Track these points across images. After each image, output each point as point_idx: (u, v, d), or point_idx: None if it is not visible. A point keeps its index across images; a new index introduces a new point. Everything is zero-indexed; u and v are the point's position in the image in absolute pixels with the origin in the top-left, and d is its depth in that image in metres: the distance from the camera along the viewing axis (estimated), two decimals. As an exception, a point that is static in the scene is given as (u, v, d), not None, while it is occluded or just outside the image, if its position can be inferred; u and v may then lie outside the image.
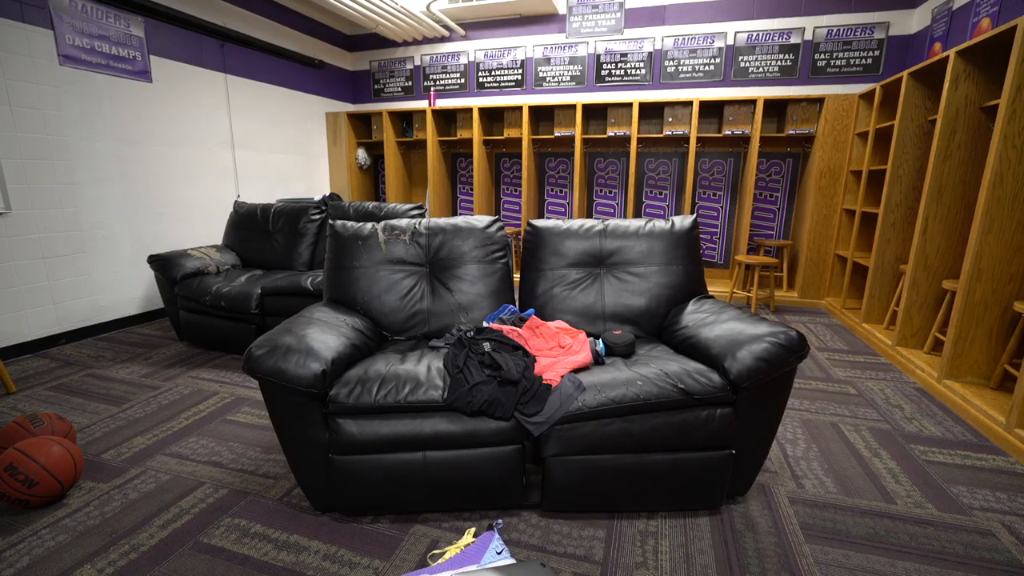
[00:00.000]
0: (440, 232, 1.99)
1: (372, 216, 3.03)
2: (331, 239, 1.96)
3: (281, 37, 4.58)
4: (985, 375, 2.36)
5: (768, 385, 1.42)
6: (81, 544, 1.42)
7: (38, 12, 2.84)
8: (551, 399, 1.43)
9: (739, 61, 4.35)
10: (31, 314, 2.89)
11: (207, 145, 3.95)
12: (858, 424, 2.15)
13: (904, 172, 3.07)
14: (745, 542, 1.44)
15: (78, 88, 3.04)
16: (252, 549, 1.40)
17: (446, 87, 5.31)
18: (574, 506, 1.52)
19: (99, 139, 3.18)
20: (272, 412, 1.46)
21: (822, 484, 1.71)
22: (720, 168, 4.62)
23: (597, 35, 4.69)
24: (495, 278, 1.97)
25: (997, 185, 2.15)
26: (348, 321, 1.71)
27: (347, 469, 1.45)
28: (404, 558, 1.37)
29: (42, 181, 2.89)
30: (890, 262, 3.22)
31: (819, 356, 2.98)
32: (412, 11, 4.46)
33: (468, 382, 1.43)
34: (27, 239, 2.83)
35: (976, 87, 2.50)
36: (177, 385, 2.50)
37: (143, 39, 3.40)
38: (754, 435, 1.50)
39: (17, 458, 1.51)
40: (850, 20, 4.03)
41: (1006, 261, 2.22)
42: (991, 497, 1.65)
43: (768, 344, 1.38)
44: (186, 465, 1.81)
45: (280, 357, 1.37)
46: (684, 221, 2.01)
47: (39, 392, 2.40)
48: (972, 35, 3.17)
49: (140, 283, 3.50)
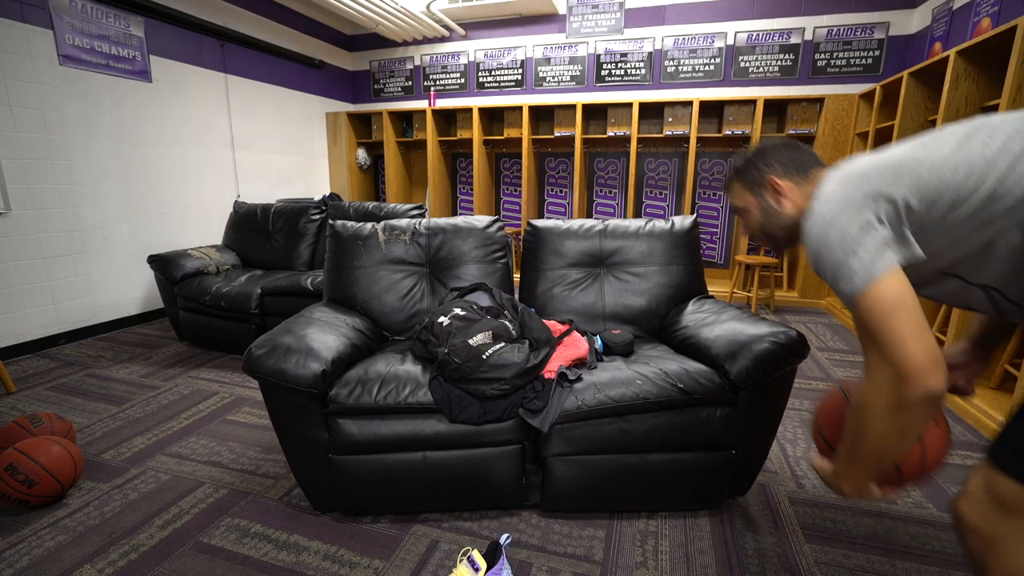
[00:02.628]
0: (440, 232, 1.99)
1: (372, 216, 3.02)
2: (331, 239, 1.96)
3: (281, 37, 4.58)
4: (985, 375, 2.36)
5: (768, 385, 1.42)
6: (81, 544, 1.42)
7: (38, 12, 2.84)
8: (552, 397, 1.42)
9: (739, 61, 4.35)
10: (31, 314, 2.89)
11: (207, 145, 3.94)
12: (858, 424, 2.15)
13: (904, 172, 3.07)
14: (745, 542, 1.44)
15: (78, 88, 3.04)
16: (252, 549, 1.40)
17: (446, 87, 5.31)
18: (574, 506, 1.52)
19: (99, 139, 3.18)
20: (272, 412, 1.46)
21: (822, 484, 1.71)
22: (720, 168, 4.62)
23: (597, 35, 4.69)
24: (495, 278, 1.96)
25: (997, 185, 2.15)
26: (348, 321, 1.71)
27: (347, 469, 1.45)
28: (404, 558, 1.37)
29: (42, 181, 2.89)
30: (890, 262, 3.21)
31: (819, 356, 2.98)
32: (412, 11, 4.46)
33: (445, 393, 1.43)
34: (27, 239, 2.83)
35: (976, 87, 2.50)
36: (177, 385, 2.50)
37: (143, 39, 3.40)
38: (754, 435, 1.50)
39: (17, 458, 1.51)
40: (850, 20, 4.03)
41: (1006, 261, 2.22)
42: (991, 497, 1.65)
43: (768, 344, 1.38)
44: (186, 465, 1.81)
45: (280, 357, 1.36)
46: (684, 221, 2.00)
47: (39, 392, 2.40)
48: (972, 35, 3.16)
49: (140, 283, 3.50)
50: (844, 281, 0.80)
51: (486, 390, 1.38)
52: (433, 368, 1.48)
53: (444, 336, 1.51)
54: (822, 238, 0.83)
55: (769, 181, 1.01)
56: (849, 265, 0.79)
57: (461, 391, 1.41)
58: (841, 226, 0.80)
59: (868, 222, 0.79)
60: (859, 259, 0.78)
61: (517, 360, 1.42)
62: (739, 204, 1.09)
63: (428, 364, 1.53)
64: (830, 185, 0.86)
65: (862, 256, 0.77)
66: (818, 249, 0.84)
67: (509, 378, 1.39)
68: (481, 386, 1.39)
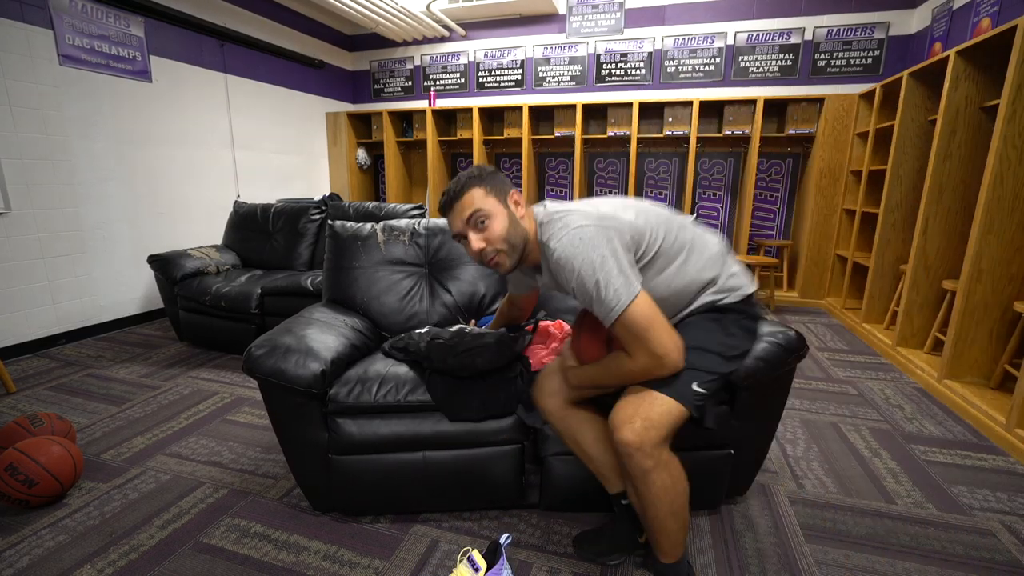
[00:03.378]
0: (439, 232, 1.98)
1: (372, 216, 3.02)
2: (330, 239, 1.96)
3: (281, 37, 4.58)
4: (985, 375, 2.36)
5: (767, 385, 1.42)
6: (81, 544, 1.42)
7: (38, 12, 2.84)
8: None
9: (739, 61, 4.35)
10: (31, 314, 2.89)
11: (207, 145, 3.95)
12: (858, 424, 2.15)
13: (904, 172, 3.07)
14: (745, 542, 1.44)
15: (78, 88, 3.04)
16: (252, 549, 1.40)
17: (446, 87, 5.30)
18: (574, 506, 1.52)
19: (99, 139, 3.18)
20: (272, 412, 1.46)
21: (822, 484, 1.71)
22: (720, 168, 4.62)
23: (597, 35, 4.69)
24: (494, 279, 1.96)
25: (997, 185, 2.15)
26: (347, 321, 1.71)
27: (347, 469, 1.45)
28: (404, 558, 1.37)
29: (42, 181, 2.89)
30: (890, 262, 3.21)
31: (819, 356, 2.98)
32: (412, 11, 4.46)
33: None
34: (27, 239, 2.84)
35: (976, 87, 2.50)
36: (177, 385, 2.50)
37: (143, 39, 3.40)
38: (754, 435, 1.50)
39: (17, 458, 1.51)
40: (850, 20, 4.03)
41: (1006, 261, 2.22)
42: (991, 497, 1.65)
43: (767, 344, 1.38)
44: (186, 465, 1.81)
45: (279, 357, 1.36)
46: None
47: (39, 392, 2.40)
48: (972, 35, 3.16)
49: (140, 283, 3.50)
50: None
51: (476, 360, 1.39)
52: (420, 359, 1.48)
53: (424, 335, 1.52)
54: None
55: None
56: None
57: (452, 373, 1.42)
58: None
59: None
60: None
61: (496, 333, 1.45)
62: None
63: (414, 365, 1.53)
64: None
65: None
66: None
67: (493, 343, 1.40)
68: (472, 356, 1.39)
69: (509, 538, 1.32)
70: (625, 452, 1.08)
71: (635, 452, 1.06)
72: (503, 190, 1.18)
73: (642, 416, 1.07)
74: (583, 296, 1.07)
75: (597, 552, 1.35)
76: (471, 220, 1.14)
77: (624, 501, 1.31)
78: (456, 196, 1.16)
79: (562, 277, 1.09)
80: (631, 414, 1.08)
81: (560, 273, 1.09)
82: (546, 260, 1.15)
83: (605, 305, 1.03)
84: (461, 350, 1.39)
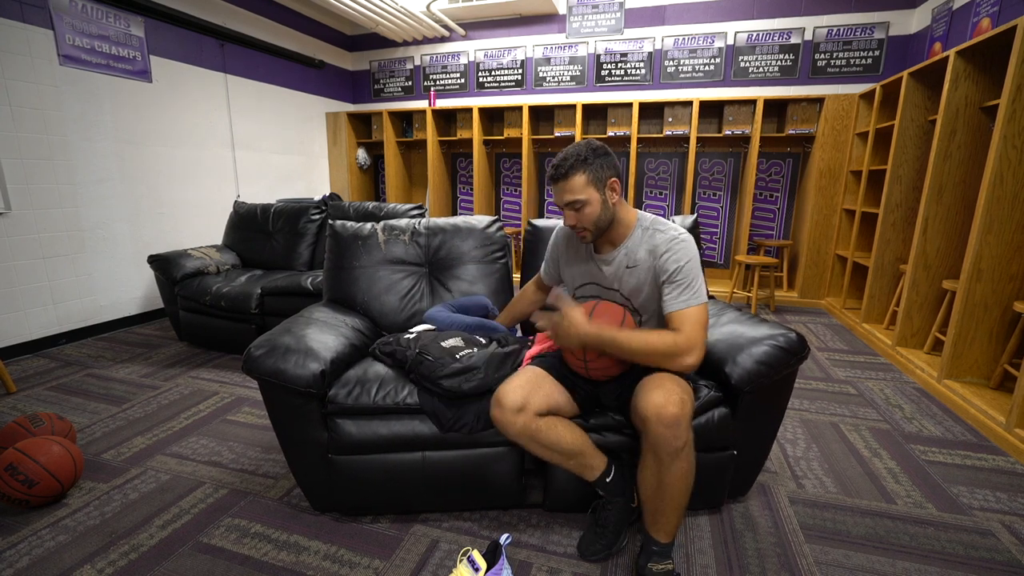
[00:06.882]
0: (440, 232, 1.98)
1: (372, 216, 3.02)
2: (331, 239, 1.96)
3: (281, 37, 4.58)
4: (985, 375, 2.36)
5: (769, 387, 1.42)
6: (81, 544, 1.42)
7: (38, 12, 2.84)
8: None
9: (739, 61, 4.35)
10: (31, 314, 2.89)
11: (207, 145, 3.94)
12: (858, 424, 2.15)
13: (904, 172, 3.07)
14: (745, 542, 1.44)
15: (78, 88, 3.04)
16: (252, 549, 1.40)
17: (446, 87, 5.30)
18: (574, 506, 1.52)
19: (99, 139, 3.18)
20: (271, 412, 1.46)
21: (822, 484, 1.71)
22: (720, 168, 4.62)
23: (597, 35, 4.69)
24: (495, 278, 1.96)
25: (997, 185, 2.15)
26: (347, 321, 1.71)
27: (347, 469, 1.45)
28: (404, 558, 1.37)
29: (42, 181, 2.89)
30: (890, 262, 3.22)
31: (819, 356, 2.98)
32: (412, 11, 4.46)
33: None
34: (27, 239, 2.83)
35: (976, 87, 2.50)
36: (177, 385, 2.50)
37: (143, 39, 3.40)
38: (755, 436, 1.50)
39: (17, 458, 1.51)
40: (850, 20, 4.03)
41: (1006, 261, 2.22)
42: (991, 497, 1.65)
43: (768, 347, 1.38)
44: (186, 465, 1.81)
45: (279, 357, 1.37)
46: (684, 221, 2.00)
47: (39, 392, 2.40)
48: (972, 35, 3.16)
49: (140, 283, 3.50)
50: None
51: (462, 384, 1.37)
52: (407, 371, 1.46)
53: (413, 343, 1.51)
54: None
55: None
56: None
57: (439, 395, 1.39)
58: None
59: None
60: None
61: (489, 351, 1.45)
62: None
63: (401, 371, 1.51)
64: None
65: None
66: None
67: (482, 365, 1.39)
68: (455, 379, 1.37)
69: (509, 538, 1.32)
70: (669, 425, 1.14)
71: (676, 426, 1.14)
72: (604, 177, 1.31)
73: (679, 395, 1.17)
74: (678, 275, 1.26)
75: (607, 544, 1.35)
76: (569, 204, 1.32)
77: (608, 479, 1.35)
78: (563, 177, 1.30)
79: (670, 254, 1.28)
80: (667, 394, 1.17)
81: (672, 252, 1.28)
82: (645, 238, 1.34)
83: (695, 293, 1.24)
84: (448, 373, 1.37)
